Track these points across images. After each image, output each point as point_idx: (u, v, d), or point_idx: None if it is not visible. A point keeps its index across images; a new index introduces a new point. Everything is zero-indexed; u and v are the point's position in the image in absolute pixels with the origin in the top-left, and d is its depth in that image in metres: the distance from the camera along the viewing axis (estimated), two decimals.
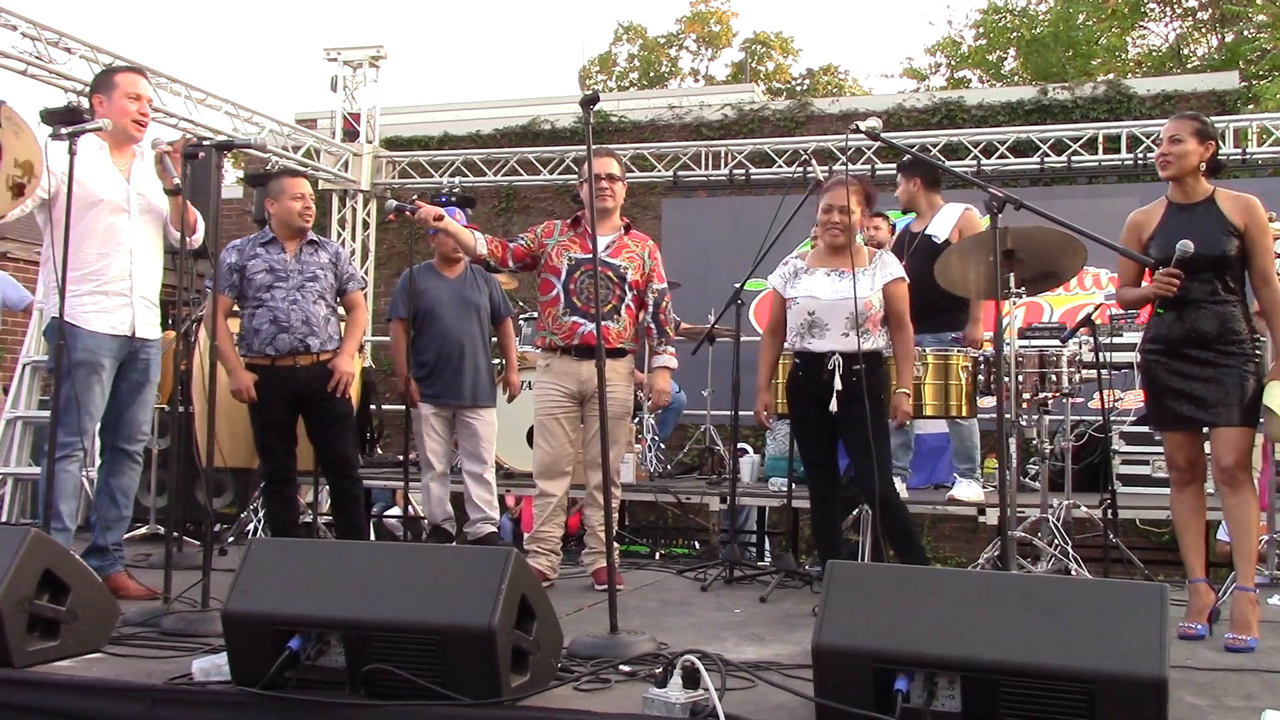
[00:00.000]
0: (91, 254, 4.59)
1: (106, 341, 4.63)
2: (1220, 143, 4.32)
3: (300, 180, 5.47)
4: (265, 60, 51.10)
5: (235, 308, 5.51)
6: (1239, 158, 9.12)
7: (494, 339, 6.42)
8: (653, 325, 5.23)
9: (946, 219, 6.01)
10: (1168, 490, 4.39)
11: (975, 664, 2.67)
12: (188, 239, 4.75)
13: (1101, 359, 5.95)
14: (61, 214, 4.42)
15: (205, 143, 4.61)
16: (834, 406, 4.62)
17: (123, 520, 4.85)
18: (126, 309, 4.69)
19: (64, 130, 4.29)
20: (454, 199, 7.25)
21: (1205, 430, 4.19)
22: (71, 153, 4.23)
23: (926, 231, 6.01)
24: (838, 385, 4.61)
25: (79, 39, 7.63)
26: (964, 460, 6.27)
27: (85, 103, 7.25)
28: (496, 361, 6.48)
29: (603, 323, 5.00)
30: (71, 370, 4.52)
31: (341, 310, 5.63)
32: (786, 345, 4.98)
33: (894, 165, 6.23)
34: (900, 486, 6.30)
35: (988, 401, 5.83)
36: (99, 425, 4.77)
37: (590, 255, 5.05)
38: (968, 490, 6.18)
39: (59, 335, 4.47)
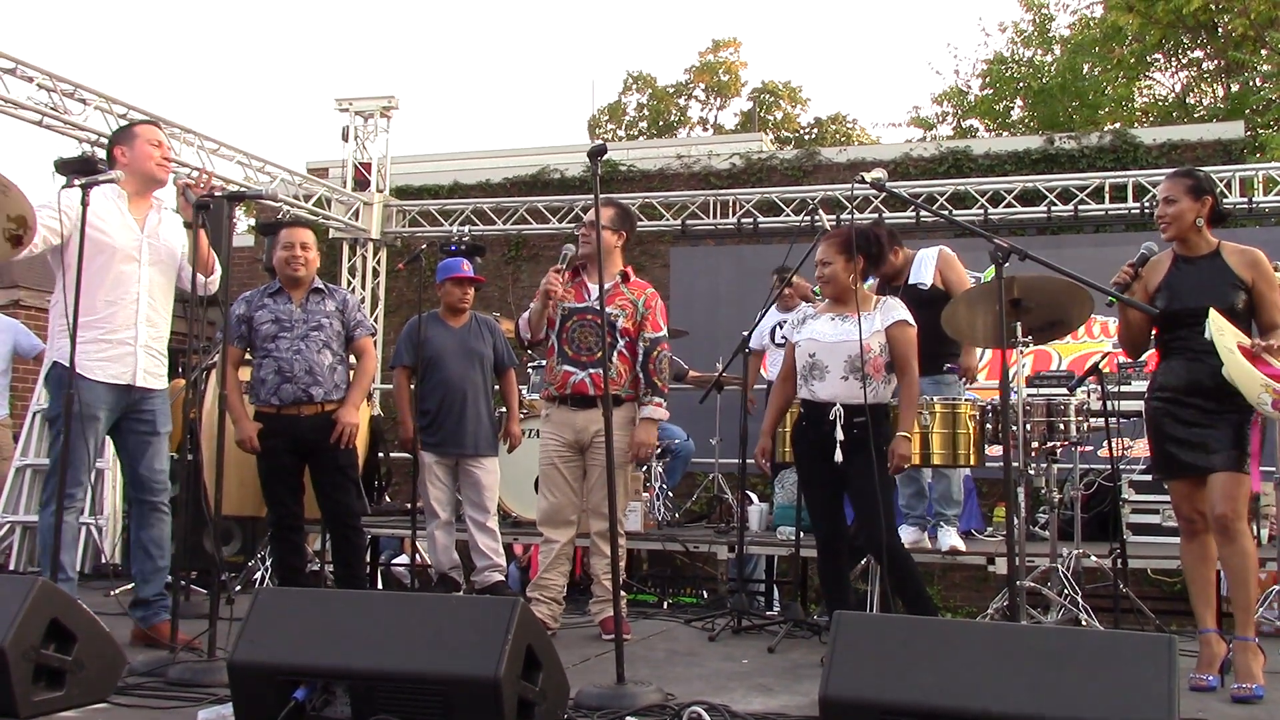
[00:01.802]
0: (99, 301, 4.59)
1: (103, 393, 4.60)
2: (1217, 194, 4.34)
3: (295, 230, 5.47)
4: (278, 111, 51.70)
5: (248, 356, 5.52)
6: (1245, 207, 9.16)
7: (497, 388, 6.43)
8: (640, 375, 5.21)
9: (926, 265, 6.01)
10: (1178, 539, 4.37)
11: (983, 716, 2.66)
12: (205, 280, 4.78)
13: (1110, 407, 5.94)
14: (73, 259, 4.46)
15: (216, 194, 4.64)
16: (839, 457, 4.61)
17: (160, 571, 4.82)
18: (130, 357, 4.68)
19: (78, 181, 4.34)
20: (463, 247, 7.27)
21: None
22: (84, 203, 4.28)
23: (910, 281, 5.99)
24: (839, 436, 4.61)
25: (94, 90, 7.73)
26: (949, 506, 6.23)
27: (100, 153, 7.35)
28: (500, 410, 6.49)
29: (593, 370, 5.04)
30: (70, 420, 4.51)
31: (352, 358, 5.64)
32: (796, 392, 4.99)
33: (901, 216, 6.20)
34: (919, 532, 6.25)
35: (996, 450, 5.83)
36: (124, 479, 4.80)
37: (582, 305, 5.14)
38: (948, 538, 6.13)
39: (63, 383, 4.45)
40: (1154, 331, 4.38)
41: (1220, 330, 3.95)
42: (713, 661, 4.70)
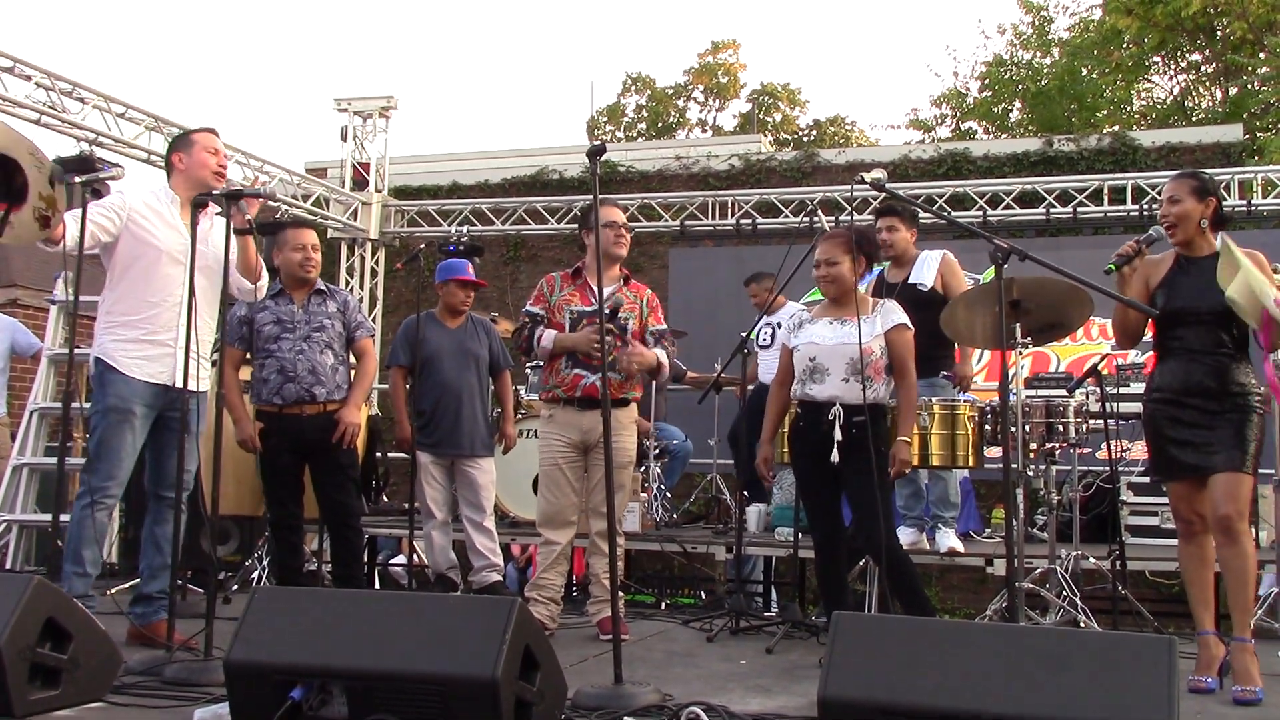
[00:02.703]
0: (143, 301, 4.63)
1: (140, 389, 4.62)
2: (1220, 197, 4.35)
3: (304, 231, 5.48)
4: (276, 111, 51.68)
5: (248, 356, 5.50)
6: (1244, 210, 9.16)
7: (493, 389, 6.42)
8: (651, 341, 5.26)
9: (929, 266, 6.00)
10: (1176, 541, 4.36)
11: (983, 717, 2.64)
12: (251, 285, 4.82)
13: (1109, 409, 5.94)
14: (121, 259, 4.61)
15: (215, 192, 4.63)
16: (835, 457, 4.61)
17: (166, 568, 4.76)
18: (169, 358, 4.67)
19: (78, 179, 4.34)
20: (462, 248, 7.26)
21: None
22: (85, 201, 4.29)
23: (911, 280, 5.98)
24: (838, 436, 4.61)
25: (92, 89, 7.72)
26: (946, 508, 6.22)
27: (99, 151, 7.35)
28: (496, 411, 6.48)
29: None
30: (105, 414, 4.57)
31: (353, 359, 5.62)
32: (792, 394, 4.98)
33: (889, 211, 6.17)
34: (916, 534, 6.25)
35: (994, 451, 5.82)
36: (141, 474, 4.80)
37: (590, 308, 5.10)
38: (946, 539, 6.13)
39: (103, 380, 4.57)
40: (1150, 330, 4.38)
41: (1230, 249, 3.99)
42: (711, 662, 4.69)
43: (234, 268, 4.78)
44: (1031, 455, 5.31)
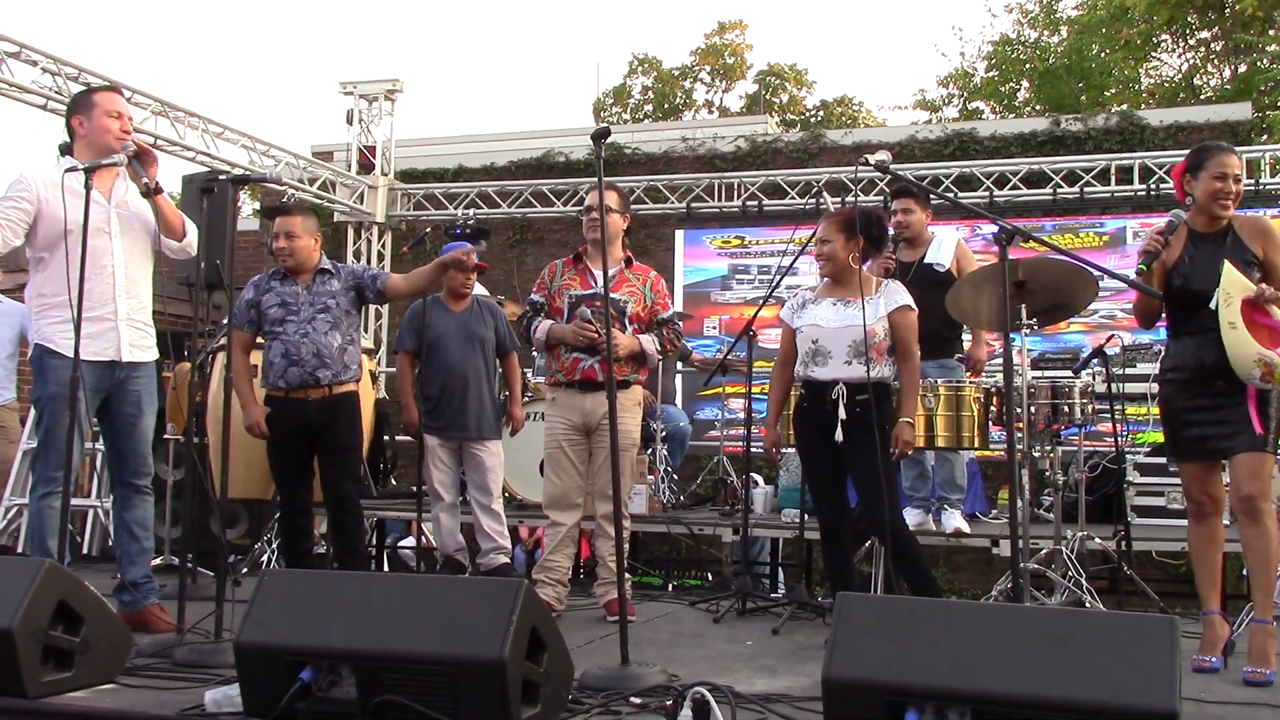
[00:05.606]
0: (74, 278, 4.32)
1: (85, 371, 4.37)
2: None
3: (283, 220, 5.35)
4: (282, 95, 51.62)
5: (259, 339, 5.50)
6: (1252, 188, 9.13)
7: (500, 372, 6.43)
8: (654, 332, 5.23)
9: (946, 248, 6.00)
10: (1183, 522, 4.36)
11: (987, 696, 2.66)
12: (179, 242, 4.67)
13: (1114, 389, 5.94)
14: (42, 241, 4.45)
15: (221, 176, 4.60)
16: (839, 436, 4.62)
17: (145, 553, 4.78)
18: (111, 333, 4.56)
19: (82, 164, 4.27)
20: (468, 231, 7.27)
21: (1223, 463, 4.17)
22: (87, 187, 4.16)
23: (926, 260, 5.99)
24: (841, 415, 4.62)
25: (99, 74, 7.74)
26: (953, 489, 6.24)
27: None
28: (503, 394, 6.50)
29: (603, 358, 5.01)
30: (48, 403, 4.43)
31: (363, 342, 5.61)
32: (795, 374, 4.99)
33: (904, 193, 6.17)
34: (923, 514, 6.26)
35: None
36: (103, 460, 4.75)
37: (588, 292, 5.10)
38: (952, 520, 6.15)
39: (44, 365, 4.45)
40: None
41: (1228, 298, 3.92)
42: (717, 643, 4.71)
43: (160, 232, 4.67)
44: (1037, 428, 5.29)
